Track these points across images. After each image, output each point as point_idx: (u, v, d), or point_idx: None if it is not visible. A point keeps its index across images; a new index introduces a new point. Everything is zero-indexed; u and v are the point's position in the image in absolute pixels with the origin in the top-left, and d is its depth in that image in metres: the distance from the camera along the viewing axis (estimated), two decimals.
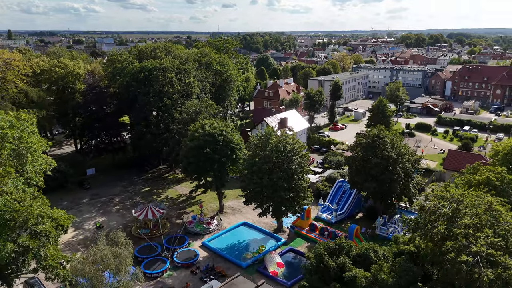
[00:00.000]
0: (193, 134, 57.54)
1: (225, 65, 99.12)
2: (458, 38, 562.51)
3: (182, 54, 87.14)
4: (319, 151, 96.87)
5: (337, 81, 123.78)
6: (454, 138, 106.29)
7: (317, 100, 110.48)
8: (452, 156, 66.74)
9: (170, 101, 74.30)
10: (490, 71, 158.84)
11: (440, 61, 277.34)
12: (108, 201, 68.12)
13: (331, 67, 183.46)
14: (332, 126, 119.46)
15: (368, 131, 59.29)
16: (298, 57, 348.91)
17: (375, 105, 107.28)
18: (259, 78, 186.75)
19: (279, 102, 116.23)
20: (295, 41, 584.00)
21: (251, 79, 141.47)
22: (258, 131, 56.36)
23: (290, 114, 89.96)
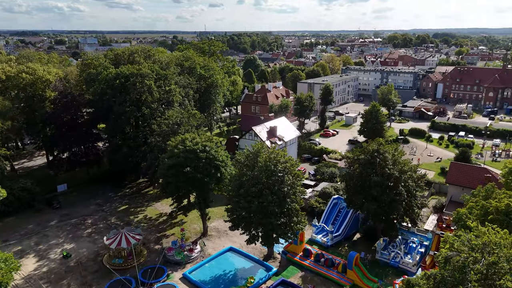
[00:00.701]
0: (172, 151, 51.23)
1: (210, 69, 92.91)
2: (444, 38, 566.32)
3: (163, 59, 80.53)
4: (310, 161, 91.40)
5: (327, 85, 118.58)
6: (449, 145, 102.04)
7: (307, 106, 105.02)
8: (454, 169, 61.97)
9: (149, 110, 67.79)
10: (482, 73, 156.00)
11: (428, 62, 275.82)
12: (79, 223, 61.25)
13: (320, 69, 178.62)
14: (323, 132, 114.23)
15: (367, 146, 53.70)
16: (286, 58, 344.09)
17: (368, 111, 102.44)
18: (247, 81, 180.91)
19: (267, 108, 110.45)
20: (282, 41, 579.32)
21: (238, 83, 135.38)
22: (245, 148, 50.00)
23: (279, 122, 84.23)
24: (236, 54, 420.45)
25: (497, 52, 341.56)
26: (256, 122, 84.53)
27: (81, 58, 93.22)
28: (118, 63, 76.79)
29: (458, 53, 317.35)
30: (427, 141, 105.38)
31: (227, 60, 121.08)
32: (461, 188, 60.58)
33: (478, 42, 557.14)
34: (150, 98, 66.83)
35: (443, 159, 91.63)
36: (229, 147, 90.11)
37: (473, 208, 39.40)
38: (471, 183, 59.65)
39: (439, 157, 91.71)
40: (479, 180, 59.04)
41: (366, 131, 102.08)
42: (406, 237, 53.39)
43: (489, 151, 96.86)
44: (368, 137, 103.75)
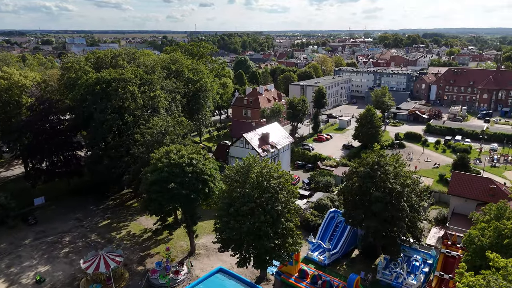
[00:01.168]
0: (155, 164, 46.92)
1: (199, 73, 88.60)
2: (434, 39, 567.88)
3: (148, 62, 75.99)
4: (304, 168, 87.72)
5: (321, 88, 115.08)
6: (446, 150, 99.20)
7: (300, 110, 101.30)
8: (456, 179, 58.67)
9: (132, 118, 63.30)
10: (476, 74, 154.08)
11: (420, 62, 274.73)
12: (56, 242, 56.57)
13: (312, 71, 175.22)
14: (317, 136, 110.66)
15: (366, 157, 49.99)
16: (278, 58, 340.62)
17: (362, 115, 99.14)
18: (238, 83, 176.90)
19: (259, 112, 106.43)
20: (273, 42, 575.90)
21: (228, 85, 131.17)
22: (235, 162, 45.85)
23: (272, 128, 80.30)
24: (226, 54, 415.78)
25: (487, 52, 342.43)
26: (247, 129, 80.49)
27: (61, 60, 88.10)
28: (100, 67, 72.15)
29: (449, 54, 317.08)
30: (423, 145, 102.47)
31: (216, 62, 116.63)
32: (464, 199, 57.30)
33: (468, 42, 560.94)
34: (133, 105, 62.38)
35: (441, 165, 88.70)
36: (219, 153, 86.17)
37: (485, 229, 35.88)
38: (475, 194, 56.46)
39: (436, 163, 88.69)
40: (484, 191, 55.92)
41: (361, 136, 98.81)
42: (409, 254, 49.83)
43: (487, 155, 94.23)
44: (363, 142, 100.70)
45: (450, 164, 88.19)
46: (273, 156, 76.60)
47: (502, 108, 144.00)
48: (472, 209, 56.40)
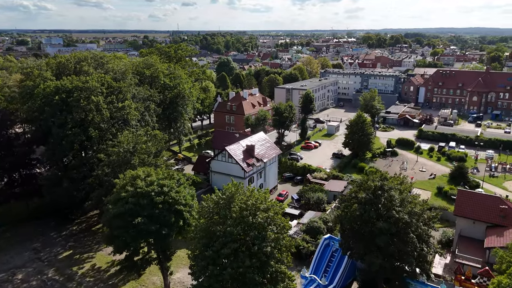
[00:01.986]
0: (118, 193, 39.21)
1: (176, 78, 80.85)
2: (416, 39, 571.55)
3: (118, 67, 67.80)
4: (292, 180, 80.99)
5: (308, 93, 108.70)
6: (441, 157, 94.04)
7: (287, 117, 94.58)
8: (463, 198, 52.87)
9: (97, 132, 55.23)
10: (465, 76, 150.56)
11: (405, 63, 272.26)
12: (6, 280, 48.14)
13: (298, 73, 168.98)
14: (305, 144, 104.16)
15: (367, 180, 43.35)
16: (262, 59, 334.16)
17: (353, 121, 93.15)
18: (221, 85, 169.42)
19: (243, 119, 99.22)
20: (257, 42, 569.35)
21: (210, 89, 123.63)
22: (215, 191, 38.50)
23: (257, 139, 73.30)
24: (209, 54, 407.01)
25: (471, 52, 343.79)
26: (230, 140, 73.20)
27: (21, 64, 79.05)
28: (62, 73, 63.71)
29: (433, 54, 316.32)
30: (416, 152, 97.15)
31: (196, 65, 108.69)
32: (472, 221, 51.44)
33: (449, 42, 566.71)
34: (98, 118, 54.32)
35: (437, 175, 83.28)
36: (200, 166, 78.67)
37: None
38: (484, 215, 50.69)
39: (433, 173, 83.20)
40: (494, 211, 50.19)
41: (351, 144, 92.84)
42: None
43: (483, 164, 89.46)
44: (354, 150, 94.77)
45: (446, 174, 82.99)
46: (259, 170, 69.61)
47: (492, 111, 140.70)
48: (482, 232, 50.76)
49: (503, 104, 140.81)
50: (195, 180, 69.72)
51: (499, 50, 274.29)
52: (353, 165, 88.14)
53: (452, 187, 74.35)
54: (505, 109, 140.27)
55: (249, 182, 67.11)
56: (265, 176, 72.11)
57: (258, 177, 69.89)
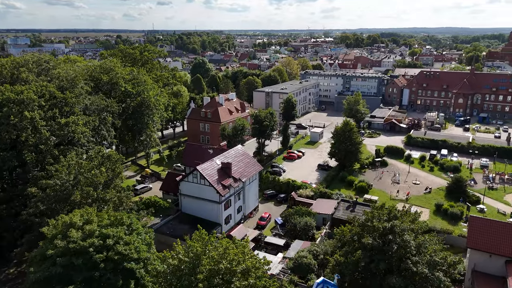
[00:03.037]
0: (44, 249, 28.91)
1: (140, 84, 70.25)
2: (392, 38, 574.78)
3: (67, 73, 56.71)
4: (275, 199, 71.85)
5: (290, 98, 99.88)
6: (434, 167, 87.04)
7: (268, 125, 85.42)
8: (476, 227, 45.09)
9: (34, 156, 44.33)
10: (449, 77, 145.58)
11: (384, 63, 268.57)
12: None
13: (277, 74, 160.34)
14: (287, 154, 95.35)
15: (371, 217, 34.56)
16: (239, 59, 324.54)
17: (339, 129, 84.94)
18: (196, 88, 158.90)
19: (219, 127, 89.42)
20: (234, 41, 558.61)
21: (183, 94, 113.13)
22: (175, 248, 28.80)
23: (235, 155, 63.72)
24: (185, 55, 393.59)
25: (448, 52, 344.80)
26: (203, 156, 63.32)
27: None
28: None
29: (411, 54, 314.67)
30: (407, 162, 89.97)
31: (166, 68, 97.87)
32: (488, 254, 43.61)
33: (423, 42, 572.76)
34: (32, 139, 43.40)
35: (433, 188, 76.02)
36: (168, 185, 68.30)
37: None
38: (503, 247, 42.97)
39: (428, 187, 75.80)
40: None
41: (338, 154, 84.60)
42: None
43: (479, 174, 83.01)
44: (341, 161, 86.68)
45: (443, 187, 75.89)
46: (237, 191, 60.10)
47: (478, 113, 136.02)
48: (500, 267, 43.08)
49: (489, 106, 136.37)
50: (162, 204, 59.56)
51: (477, 49, 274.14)
52: (341, 179, 79.87)
53: (451, 203, 67.05)
54: (491, 111, 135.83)
55: (226, 206, 57.54)
56: (244, 198, 62.68)
57: (236, 199, 60.39)
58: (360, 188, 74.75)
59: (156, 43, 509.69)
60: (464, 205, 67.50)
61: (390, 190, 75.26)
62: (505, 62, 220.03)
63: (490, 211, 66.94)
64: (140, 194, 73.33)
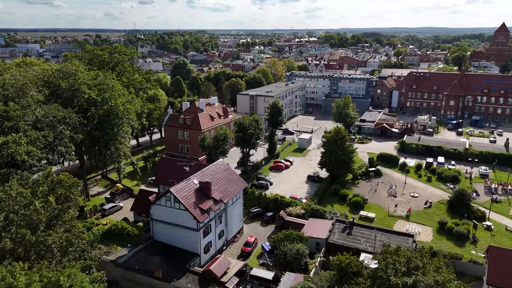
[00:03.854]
0: None
1: (106, 90, 61.65)
2: (376, 38, 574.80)
3: (11, 80, 47.76)
4: (262, 218, 64.31)
5: (276, 103, 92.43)
6: (431, 177, 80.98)
7: (252, 134, 77.82)
8: (498, 260, 38.66)
9: None
10: (439, 78, 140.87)
11: (370, 63, 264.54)
12: None
13: (262, 76, 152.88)
14: (274, 163, 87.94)
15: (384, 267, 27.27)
16: (222, 60, 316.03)
17: (330, 137, 77.99)
18: (175, 91, 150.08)
19: (199, 136, 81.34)
20: (217, 41, 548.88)
21: (160, 98, 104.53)
22: None
23: (215, 171, 55.89)
24: (166, 55, 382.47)
25: (433, 52, 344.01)
26: (178, 174, 55.26)
27: None
28: None
29: (397, 54, 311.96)
30: (402, 171, 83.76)
31: (139, 71, 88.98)
32: None
33: (406, 42, 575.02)
34: None
35: (433, 201, 69.79)
36: (140, 205, 60.04)
37: None
38: None
39: (428, 201, 69.50)
40: None
41: (329, 164, 77.65)
42: None
43: (479, 183, 77.35)
44: (332, 172, 79.80)
45: (444, 200, 69.75)
46: (218, 214, 52.33)
47: (470, 116, 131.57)
48: None
49: (481, 108, 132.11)
50: (130, 231, 51.31)
51: (462, 49, 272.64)
52: (334, 192, 72.93)
53: (456, 221, 60.81)
54: (483, 113, 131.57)
55: (205, 233, 49.68)
56: (227, 220, 54.96)
57: (217, 224, 52.61)
58: (354, 204, 67.98)
59: (137, 43, 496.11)
60: (470, 221, 61.41)
61: (387, 205, 68.72)
62: (491, 62, 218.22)
63: (497, 228, 61.01)
64: (108, 214, 64.80)
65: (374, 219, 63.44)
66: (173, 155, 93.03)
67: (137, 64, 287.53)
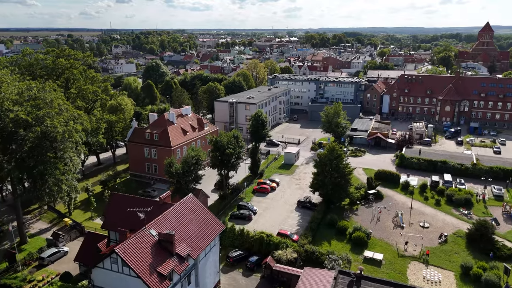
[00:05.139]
0: None
1: (42, 107, 47.59)
2: (357, 38, 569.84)
3: None
4: (244, 263, 51.50)
5: (259, 114, 79.81)
6: (440, 200, 69.90)
7: (232, 153, 64.83)
8: None
9: None
10: (433, 82, 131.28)
11: (354, 64, 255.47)
12: None
13: (242, 80, 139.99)
14: (258, 185, 75.30)
15: None
16: (201, 60, 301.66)
17: (324, 156, 65.87)
18: (146, 97, 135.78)
19: (169, 153, 67.75)
20: (196, 41, 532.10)
21: (125, 107, 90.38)
22: None
23: (181, 212, 42.69)
24: (142, 55, 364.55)
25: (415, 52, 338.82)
26: (132, 218, 41.72)
27: None
28: None
29: (380, 54, 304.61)
30: (405, 192, 72.65)
31: (94, 80, 74.16)
32: None
33: (386, 41, 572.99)
34: None
35: (448, 234, 58.48)
36: (86, 255, 46.38)
37: None
38: None
39: (442, 234, 58.06)
40: None
41: (322, 187, 65.58)
42: None
43: (496, 207, 66.76)
44: (326, 197, 67.97)
45: (461, 231, 58.64)
46: (185, 275, 39.15)
47: (466, 121, 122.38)
48: None
49: (478, 114, 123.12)
50: None
51: (447, 49, 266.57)
52: (329, 223, 60.81)
53: (483, 264, 49.42)
54: (479, 119, 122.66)
55: None
56: (198, 279, 41.86)
57: (184, 286, 39.46)
58: (356, 240, 55.96)
59: (111, 43, 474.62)
60: (497, 262, 50.22)
61: (395, 240, 57.07)
62: (479, 63, 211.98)
63: None
64: (48, 264, 50.81)
65: (383, 261, 51.60)
66: (139, 175, 79.37)
67: (109, 66, 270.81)
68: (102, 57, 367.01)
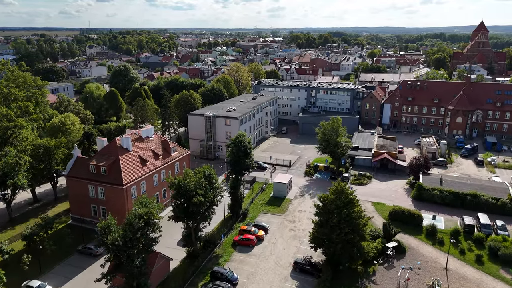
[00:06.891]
0: None
1: None
2: (343, 38, 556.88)
3: None
4: None
5: (240, 138, 61.37)
6: (482, 255, 52.80)
7: (202, 202, 46.07)
8: None
9: None
10: (440, 88, 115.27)
11: (344, 66, 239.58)
12: None
13: (222, 87, 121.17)
14: (240, 235, 56.88)
15: None
16: (180, 62, 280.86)
17: (329, 201, 47.95)
18: (110, 107, 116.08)
19: (121, 193, 48.51)
20: (177, 41, 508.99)
21: (70, 128, 70.83)
22: None
23: None
24: (118, 56, 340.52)
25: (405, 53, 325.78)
26: None
27: None
28: None
29: (370, 56, 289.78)
30: (431, 241, 55.52)
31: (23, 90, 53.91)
32: None
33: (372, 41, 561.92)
34: None
35: None
36: None
37: None
38: None
39: None
40: None
41: (328, 246, 47.71)
42: None
43: None
44: (331, 256, 50.38)
45: None
46: None
47: (482, 135, 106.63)
48: None
49: (492, 125, 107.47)
50: None
51: (442, 50, 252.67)
52: None
53: None
54: (494, 131, 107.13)
55: None
56: None
57: None
58: None
59: (86, 43, 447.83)
60: None
61: None
62: (478, 65, 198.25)
63: None
64: None
65: None
66: (82, 220, 60.07)
67: (77, 69, 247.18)
68: (74, 58, 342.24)
